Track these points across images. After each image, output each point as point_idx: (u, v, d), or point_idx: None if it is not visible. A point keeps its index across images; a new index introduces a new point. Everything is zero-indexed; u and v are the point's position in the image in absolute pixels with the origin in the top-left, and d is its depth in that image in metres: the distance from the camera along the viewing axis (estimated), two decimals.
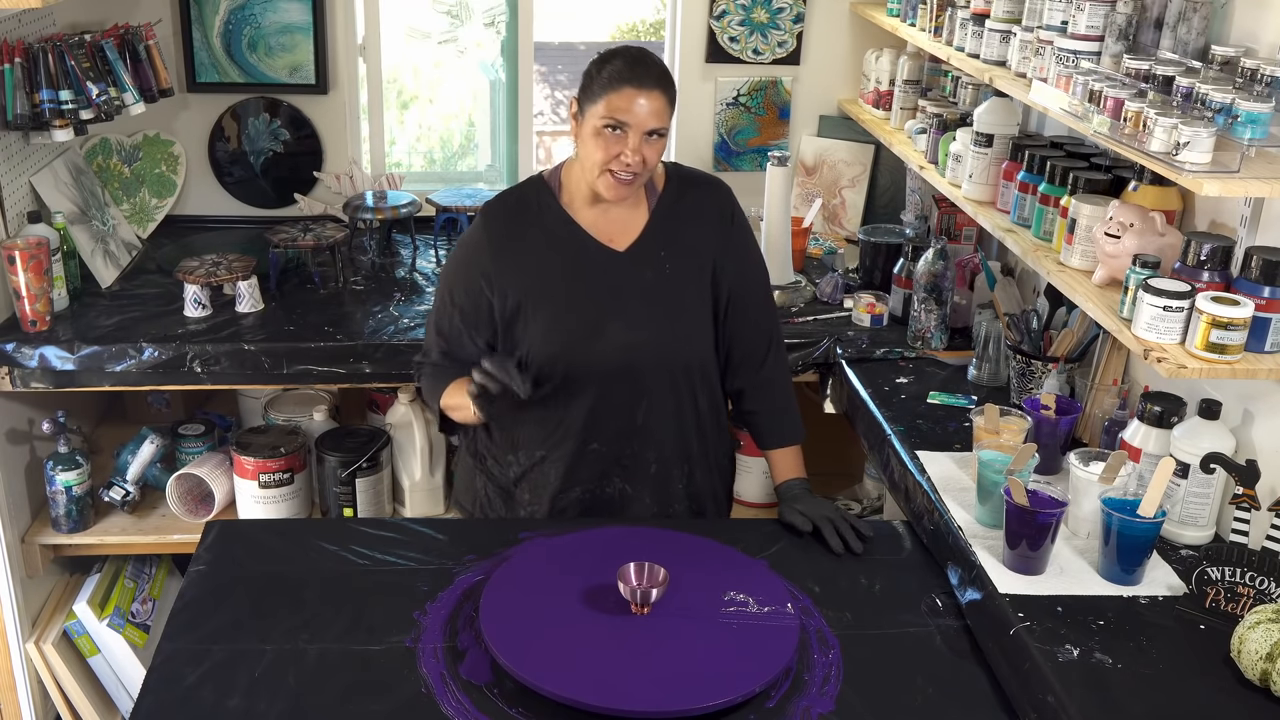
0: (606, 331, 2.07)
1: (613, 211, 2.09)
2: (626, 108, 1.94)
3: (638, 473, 2.17)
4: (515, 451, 2.18)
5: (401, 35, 4.22)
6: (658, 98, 1.96)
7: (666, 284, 2.10)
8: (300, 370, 2.66)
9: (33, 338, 2.59)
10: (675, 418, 2.15)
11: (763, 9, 3.41)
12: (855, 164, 3.49)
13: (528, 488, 2.19)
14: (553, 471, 2.15)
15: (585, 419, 2.10)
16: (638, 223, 2.11)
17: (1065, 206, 2.20)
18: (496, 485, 2.22)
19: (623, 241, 2.10)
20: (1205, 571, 1.84)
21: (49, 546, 2.80)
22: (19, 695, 2.82)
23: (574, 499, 2.17)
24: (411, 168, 4.96)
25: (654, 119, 1.95)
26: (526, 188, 2.16)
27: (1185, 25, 1.99)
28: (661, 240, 2.11)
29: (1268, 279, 1.81)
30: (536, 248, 2.09)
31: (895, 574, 2.01)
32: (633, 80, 1.94)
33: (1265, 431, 1.95)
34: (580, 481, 2.16)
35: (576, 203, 2.10)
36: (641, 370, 2.09)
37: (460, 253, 2.15)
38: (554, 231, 2.09)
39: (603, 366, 2.07)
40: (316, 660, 1.72)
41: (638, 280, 2.09)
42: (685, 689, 1.62)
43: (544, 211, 2.10)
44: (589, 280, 2.08)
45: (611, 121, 1.94)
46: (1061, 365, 2.36)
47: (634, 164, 1.96)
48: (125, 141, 3.26)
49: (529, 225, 2.10)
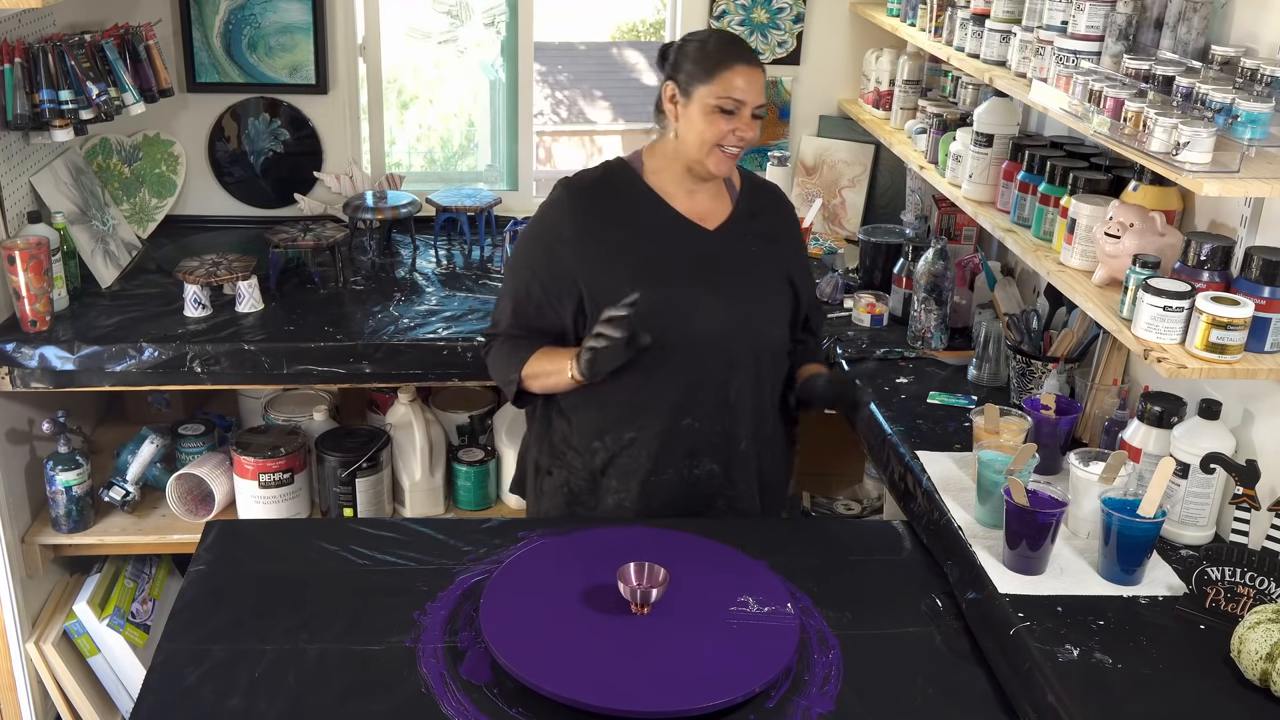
0: (703, 304, 2.08)
1: (699, 195, 2.14)
2: (742, 85, 2.01)
3: (728, 452, 2.16)
4: (602, 437, 2.15)
5: (401, 35, 4.22)
6: (761, 76, 2.06)
7: (754, 266, 2.16)
8: (300, 370, 2.66)
9: (33, 338, 2.59)
10: (761, 398, 2.17)
11: (763, 9, 3.41)
12: (855, 164, 3.49)
13: (615, 474, 2.16)
14: (643, 453, 2.13)
15: (680, 394, 2.10)
16: (723, 209, 2.17)
17: (1065, 206, 2.20)
18: (580, 477, 2.19)
19: (711, 223, 2.15)
20: (1205, 571, 1.84)
21: (49, 546, 2.80)
22: (19, 695, 2.82)
23: (666, 482, 2.15)
24: (411, 168, 4.96)
25: (760, 97, 2.05)
26: (608, 166, 2.19)
27: (1185, 25, 1.99)
28: (746, 226, 2.17)
29: (1268, 279, 1.81)
30: (624, 221, 2.11)
31: (895, 574, 2.01)
32: (743, 59, 2.03)
33: (1265, 431, 1.95)
34: (672, 463, 2.15)
35: (664, 182, 2.13)
36: (734, 345, 2.11)
37: (540, 224, 2.15)
38: (642, 207, 2.12)
39: (698, 340, 2.08)
40: (316, 660, 1.72)
41: (729, 259, 2.13)
42: (685, 689, 1.62)
43: (631, 188, 2.13)
44: (684, 254, 2.11)
45: (726, 100, 2.01)
46: (1061, 365, 2.36)
47: (748, 139, 2.03)
48: (125, 141, 3.26)
49: (615, 200, 2.13)
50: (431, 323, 2.78)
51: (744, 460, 2.19)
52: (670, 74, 2.08)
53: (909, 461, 2.23)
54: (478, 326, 2.76)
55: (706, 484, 2.18)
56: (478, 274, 3.13)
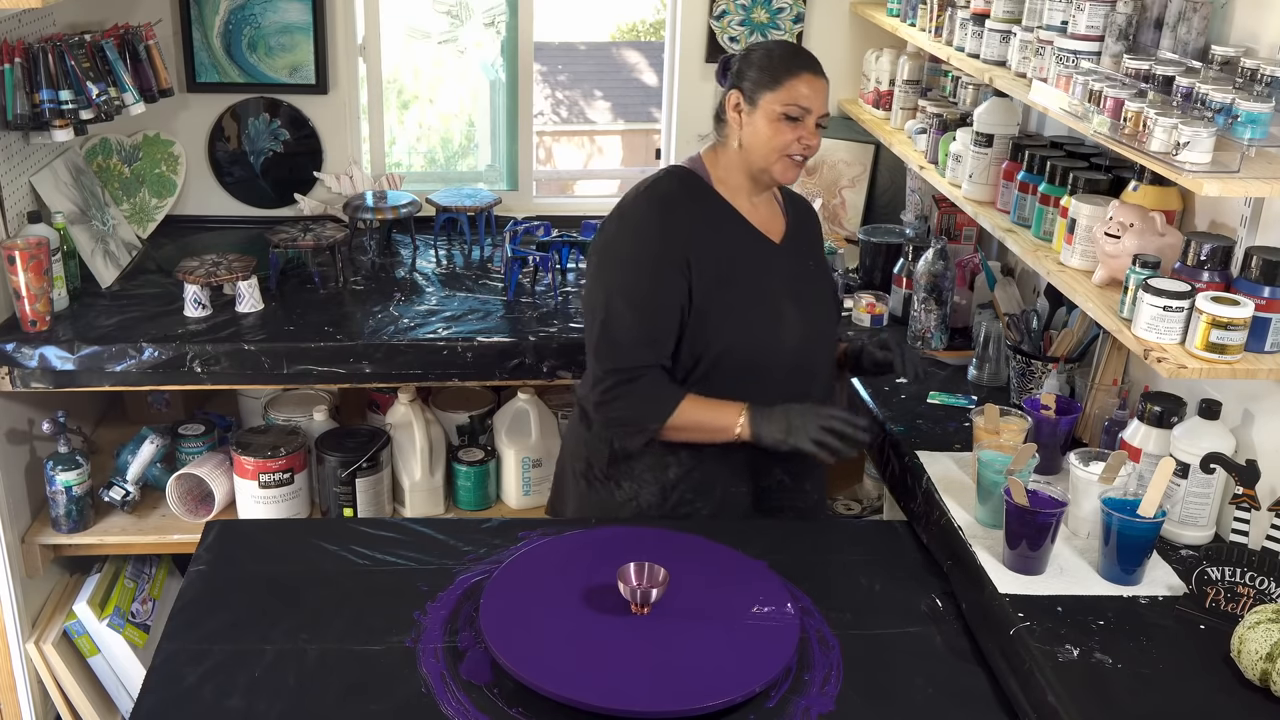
0: (786, 318, 2.08)
1: (761, 207, 2.14)
2: (809, 94, 2.02)
3: (797, 459, 2.08)
4: (677, 451, 2.11)
5: (401, 35, 4.22)
6: (826, 86, 2.06)
7: (814, 276, 2.18)
8: (300, 370, 2.66)
9: (33, 338, 2.59)
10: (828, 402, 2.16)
11: (763, 9, 3.41)
12: (855, 164, 3.49)
13: (690, 487, 2.13)
14: (722, 468, 2.11)
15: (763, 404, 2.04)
16: (779, 221, 2.17)
17: (1065, 206, 2.20)
18: (650, 490, 2.14)
19: (775, 234, 2.15)
20: (1205, 571, 1.84)
21: (49, 546, 2.80)
22: (19, 695, 2.82)
23: (739, 494, 2.15)
24: (411, 168, 4.97)
25: (824, 106, 2.05)
26: (679, 176, 2.11)
27: (1185, 25, 1.99)
28: (800, 238, 2.18)
29: (1268, 279, 1.81)
30: (711, 233, 2.07)
31: (895, 574, 2.01)
32: (810, 68, 2.04)
33: (1265, 431, 1.95)
34: (746, 479, 2.14)
35: (731, 193, 2.11)
36: (814, 358, 2.13)
37: (654, 243, 2.02)
38: (721, 218, 2.10)
39: (786, 355, 2.08)
40: (316, 660, 1.72)
41: (796, 270, 2.14)
42: (685, 689, 1.62)
43: (708, 200, 2.10)
44: (766, 268, 2.10)
45: (793, 108, 2.01)
46: (1061, 365, 2.36)
47: (813, 146, 2.04)
48: (125, 141, 3.26)
49: (700, 214, 2.08)
50: (431, 323, 2.78)
51: (812, 468, 2.19)
52: (735, 83, 2.06)
53: (909, 461, 2.24)
54: (478, 327, 2.76)
55: (777, 494, 2.18)
56: (478, 274, 3.13)
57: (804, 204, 2.29)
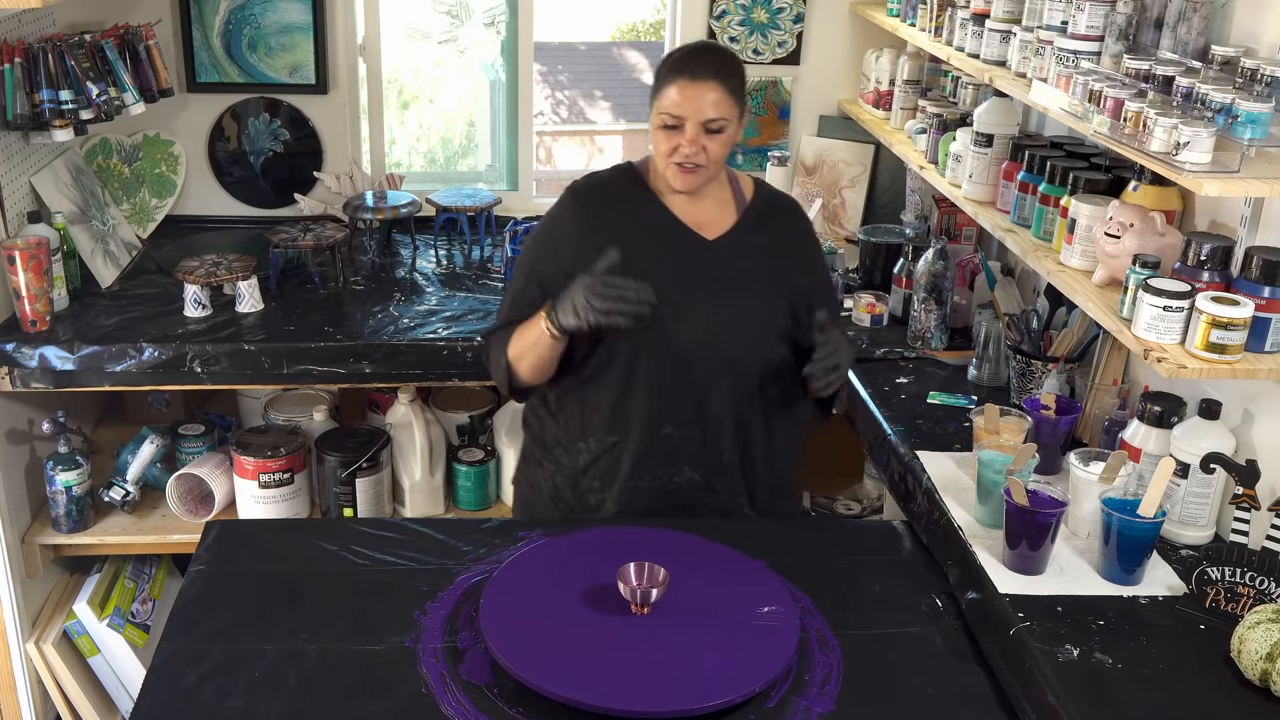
0: (692, 315, 2.07)
1: (704, 203, 2.13)
2: (679, 101, 1.98)
3: (710, 462, 2.13)
4: (587, 438, 2.15)
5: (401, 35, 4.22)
6: (711, 89, 1.98)
7: (751, 279, 2.12)
8: (300, 370, 2.66)
9: (33, 338, 2.59)
10: (752, 411, 2.14)
11: (763, 9, 3.41)
12: (855, 164, 3.49)
13: (597, 475, 2.16)
14: (625, 457, 2.13)
15: (658, 402, 2.08)
16: (726, 219, 2.14)
17: (1065, 206, 2.20)
18: (564, 474, 2.19)
19: (711, 232, 2.13)
20: (1205, 571, 1.84)
21: (49, 546, 2.80)
22: (19, 695, 2.82)
23: (643, 488, 2.15)
24: (411, 168, 4.96)
25: (708, 110, 1.98)
26: (616, 171, 2.18)
27: (1185, 25, 1.99)
28: (748, 239, 2.14)
29: (1268, 279, 1.81)
30: (626, 226, 2.09)
31: (895, 574, 2.01)
32: (685, 73, 1.99)
33: (1265, 431, 1.95)
34: (650, 469, 2.14)
35: (665, 189, 2.12)
36: (723, 358, 2.09)
37: (546, 227, 2.15)
38: (644, 213, 2.11)
39: (678, 349, 2.06)
40: (316, 660, 1.72)
41: (726, 270, 2.11)
42: (685, 689, 1.62)
43: (635, 194, 2.13)
44: (677, 262, 2.09)
45: (666, 115, 1.99)
46: (1061, 365, 2.36)
47: (693, 155, 2.00)
48: (125, 141, 3.26)
49: (619, 205, 2.12)
50: (431, 323, 2.78)
51: (729, 472, 2.16)
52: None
53: (909, 461, 2.23)
54: (478, 326, 2.76)
55: (688, 492, 2.16)
56: (478, 274, 3.13)
57: (787, 211, 2.23)
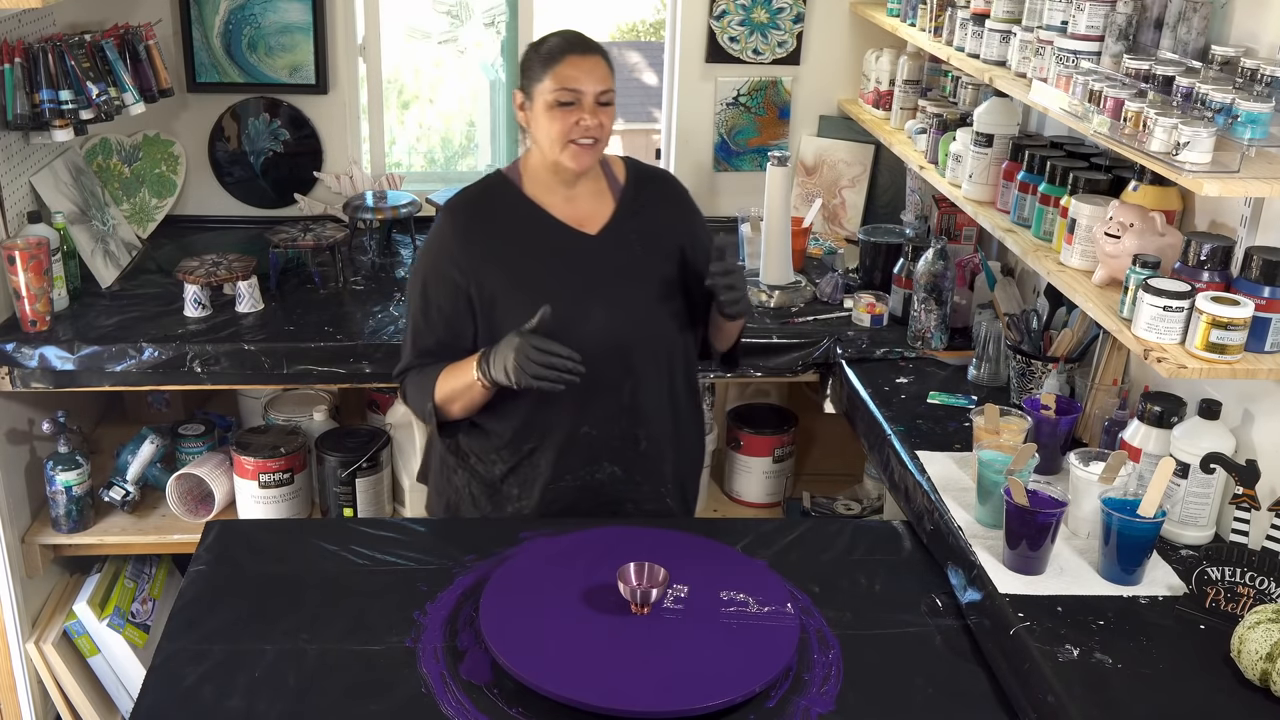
0: (592, 313, 2.07)
1: (578, 199, 2.13)
2: (574, 75, 1.99)
3: (628, 454, 2.16)
4: (499, 450, 2.16)
5: (401, 35, 4.22)
6: (599, 63, 2.02)
7: (642, 265, 2.12)
8: (300, 370, 2.66)
9: (33, 338, 2.59)
10: (661, 397, 2.15)
11: (763, 9, 3.41)
12: (855, 164, 3.49)
13: (516, 481, 2.17)
14: (543, 461, 2.14)
15: (576, 403, 2.08)
16: (605, 209, 2.14)
17: (1065, 206, 2.20)
18: (482, 482, 2.20)
19: (593, 226, 2.13)
20: (1205, 571, 1.84)
21: (49, 546, 2.80)
22: (19, 695, 2.82)
23: (565, 488, 2.16)
24: (411, 168, 4.97)
25: (600, 82, 2.01)
26: (487, 181, 2.18)
27: (1185, 25, 1.99)
28: (630, 225, 2.14)
29: (1268, 279, 1.81)
30: (507, 236, 2.10)
31: (895, 574, 2.01)
32: (573, 49, 2.02)
33: (1265, 431, 1.95)
34: (571, 469, 2.14)
35: (540, 191, 2.12)
36: (629, 349, 2.09)
37: (428, 252, 2.13)
38: (522, 219, 2.11)
39: (591, 348, 2.04)
40: (316, 660, 1.72)
41: (615, 261, 2.11)
42: (685, 689, 1.62)
43: (509, 201, 2.12)
44: (567, 263, 2.09)
45: (563, 92, 1.99)
46: (1061, 365, 2.36)
47: (592, 128, 2.01)
48: (125, 141, 3.26)
49: (495, 216, 2.12)
50: None
51: (646, 461, 2.17)
52: (519, 83, 2.08)
53: (909, 461, 2.23)
54: None
55: (609, 487, 2.17)
56: None
57: (658, 184, 2.22)
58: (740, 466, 3.11)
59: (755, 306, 2.89)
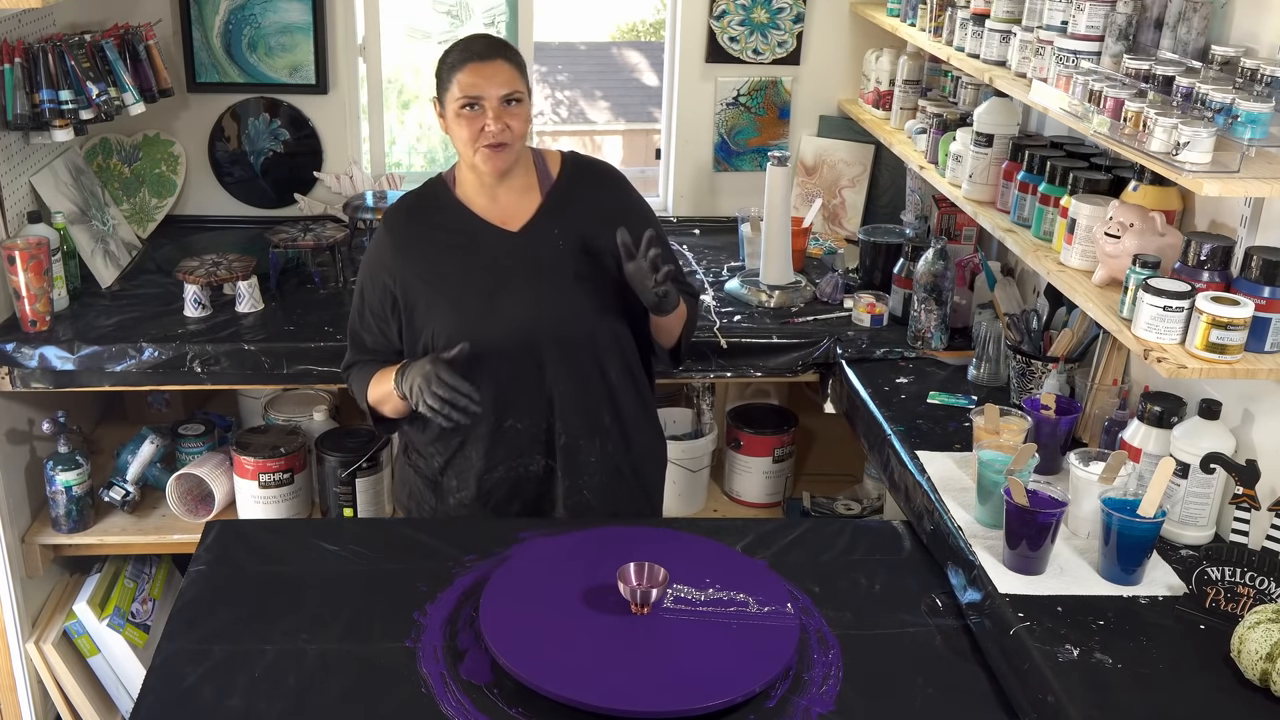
0: (501, 308, 2.11)
1: (505, 196, 2.17)
2: (473, 82, 2.04)
3: (553, 446, 2.19)
4: (435, 443, 2.21)
5: (401, 35, 4.22)
6: (500, 66, 2.05)
7: (560, 260, 2.15)
8: (300, 370, 2.66)
9: (33, 338, 2.59)
10: (582, 390, 2.17)
11: (763, 9, 3.41)
12: (855, 164, 3.49)
13: (454, 474, 2.22)
14: (474, 453, 2.19)
15: (495, 397, 2.13)
16: (530, 205, 2.18)
17: (1065, 206, 2.20)
18: (424, 477, 2.26)
19: (516, 223, 2.17)
20: (1205, 571, 1.84)
21: (49, 546, 2.80)
22: (19, 695, 2.82)
23: (499, 479, 2.20)
24: (411, 168, 4.96)
25: (503, 85, 2.04)
26: (425, 187, 2.25)
27: (1185, 25, 1.99)
28: (555, 220, 2.17)
29: (1268, 279, 1.81)
30: (435, 238, 2.16)
31: (895, 574, 2.01)
32: (471, 56, 2.06)
33: (1265, 431, 1.95)
34: (502, 460, 2.19)
35: (469, 192, 2.18)
36: (539, 343, 2.12)
37: (368, 256, 2.22)
38: (450, 221, 2.17)
39: (503, 343, 2.11)
40: (316, 660, 1.72)
41: (530, 257, 2.14)
42: (685, 689, 1.62)
43: (441, 204, 2.19)
44: (481, 261, 2.14)
45: (465, 99, 2.04)
46: (1061, 365, 2.36)
47: (497, 131, 2.04)
48: (125, 141, 3.26)
49: (428, 219, 2.19)
50: None
51: (576, 455, 2.19)
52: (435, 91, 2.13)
53: (909, 461, 2.23)
54: None
55: (544, 480, 2.21)
56: None
57: (593, 176, 2.25)
58: (740, 466, 3.11)
59: (755, 306, 2.89)
